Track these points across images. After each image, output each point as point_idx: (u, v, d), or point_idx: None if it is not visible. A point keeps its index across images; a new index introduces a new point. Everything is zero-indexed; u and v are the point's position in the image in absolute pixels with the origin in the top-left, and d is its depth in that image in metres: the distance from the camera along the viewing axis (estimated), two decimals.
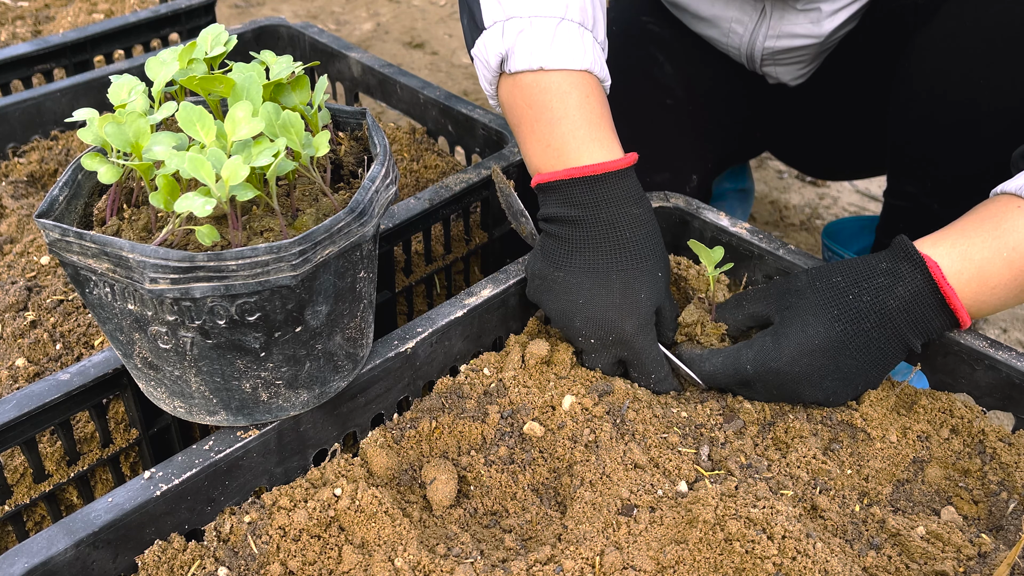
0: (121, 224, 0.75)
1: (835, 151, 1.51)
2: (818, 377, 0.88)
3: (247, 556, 0.76)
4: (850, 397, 0.91)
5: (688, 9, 1.34)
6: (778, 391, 0.91)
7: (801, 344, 0.87)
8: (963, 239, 0.85)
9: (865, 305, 0.86)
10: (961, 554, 0.78)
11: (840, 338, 0.87)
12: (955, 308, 0.85)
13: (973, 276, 0.84)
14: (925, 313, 0.86)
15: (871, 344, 0.87)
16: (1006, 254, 0.83)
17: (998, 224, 0.84)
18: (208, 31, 0.81)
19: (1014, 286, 0.85)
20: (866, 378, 0.89)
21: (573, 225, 0.92)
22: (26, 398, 0.81)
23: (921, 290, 0.85)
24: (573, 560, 0.75)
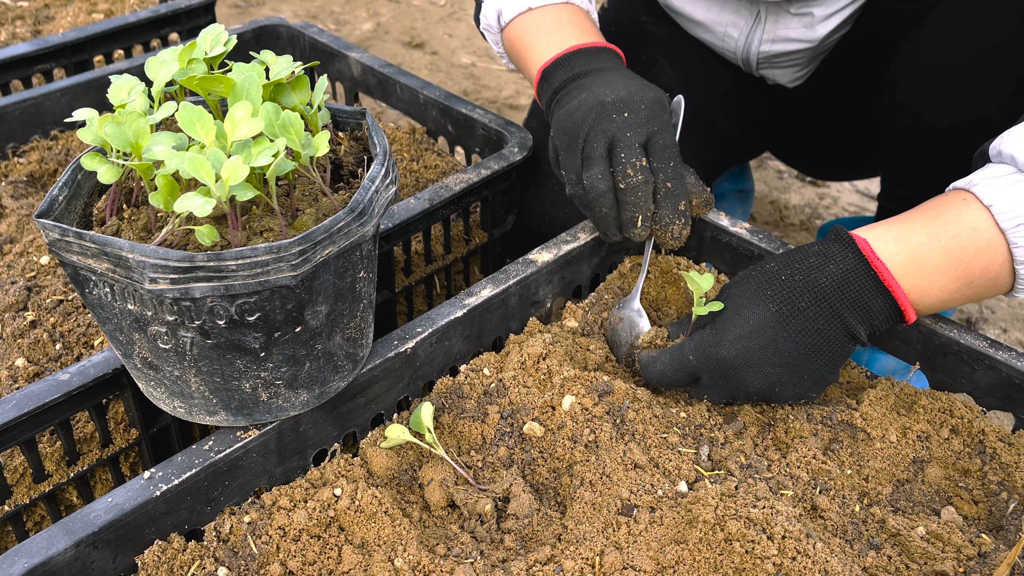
0: (121, 224, 0.75)
1: (834, 152, 1.51)
2: (758, 361, 0.86)
3: (247, 556, 0.76)
4: (803, 390, 0.89)
5: (683, 13, 1.34)
6: (723, 381, 0.89)
7: (737, 327, 0.87)
8: (900, 225, 0.87)
9: (798, 284, 0.87)
10: (961, 554, 0.78)
11: (775, 317, 0.86)
12: (890, 287, 0.85)
13: (908, 258, 0.85)
14: (860, 292, 0.85)
15: (808, 324, 0.86)
16: (944, 241, 0.84)
17: (940, 213, 0.85)
18: (208, 31, 0.81)
19: (956, 275, 0.84)
20: (811, 366, 0.87)
21: (582, 78, 1.01)
22: (26, 398, 0.81)
23: (853, 267, 0.85)
24: (573, 560, 0.75)
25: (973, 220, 0.83)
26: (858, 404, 0.92)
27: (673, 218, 0.96)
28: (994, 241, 0.83)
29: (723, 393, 0.90)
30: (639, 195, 0.95)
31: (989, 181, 0.83)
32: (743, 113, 1.45)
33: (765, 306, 0.87)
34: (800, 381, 0.88)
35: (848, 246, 0.87)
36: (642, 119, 0.96)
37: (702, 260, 1.12)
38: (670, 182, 0.95)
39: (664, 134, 0.96)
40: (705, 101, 1.37)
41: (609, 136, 0.96)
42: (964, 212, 0.84)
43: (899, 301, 0.85)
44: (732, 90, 1.41)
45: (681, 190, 0.96)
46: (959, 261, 0.84)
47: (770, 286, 0.88)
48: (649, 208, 0.95)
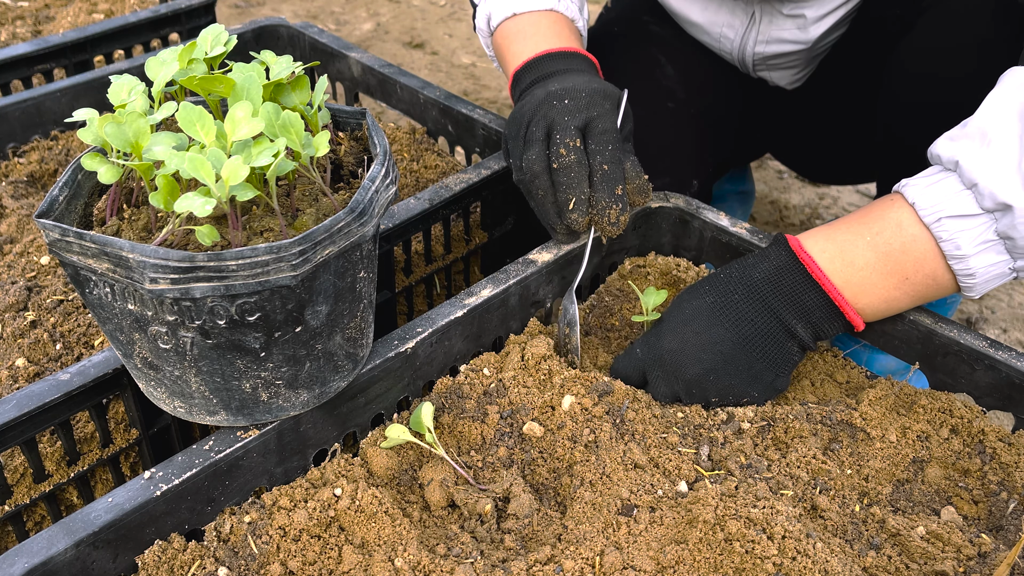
0: (121, 224, 0.75)
1: (833, 155, 1.51)
2: (694, 348, 0.89)
3: (247, 556, 0.76)
4: (742, 386, 0.90)
5: (680, 15, 1.35)
6: (663, 372, 0.91)
7: (674, 318, 0.92)
8: (831, 227, 0.91)
9: (733, 278, 0.91)
10: (961, 554, 0.78)
11: (709, 308, 0.90)
12: (819, 280, 0.88)
13: (835, 254, 0.88)
14: (792, 286, 0.89)
15: (741, 315, 0.89)
16: (869, 238, 0.87)
17: (867, 214, 0.89)
18: (208, 31, 0.81)
19: (887, 270, 0.87)
20: (748, 359, 0.89)
21: (544, 79, 1.04)
22: (26, 398, 0.81)
23: (784, 263, 0.90)
24: (573, 560, 0.75)
25: (896, 217, 0.86)
26: (858, 404, 0.92)
27: (610, 202, 0.96)
28: (919, 236, 0.85)
29: (665, 386, 0.92)
30: (571, 175, 0.95)
31: (916, 181, 0.86)
32: (744, 114, 1.45)
33: (701, 299, 0.92)
34: (737, 374, 0.90)
35: (781, 245, 0.91)
36: (581, 105, 0.99)
37: (702, 261, 1.12)
38: (607, 165, 0.95)
39: (603, 119, 0.98)
40: (706, 101, 1.37)
41: (548, 121, 0.98)
42: (889, 211, 0.87)
43: (831, 295, 0.88)
44: (733, 91, 1.41)
45: (617, 174, 0.96)
46: (886, 256, 0.87)
47: (708, 282, 0.93)
48: (583, 191, 0.95)
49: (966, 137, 0.83)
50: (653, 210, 1.11)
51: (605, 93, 1.00)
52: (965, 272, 0.84)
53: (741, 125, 1.46)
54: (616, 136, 0.97)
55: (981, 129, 0.82)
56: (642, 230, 1.13)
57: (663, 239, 1.14)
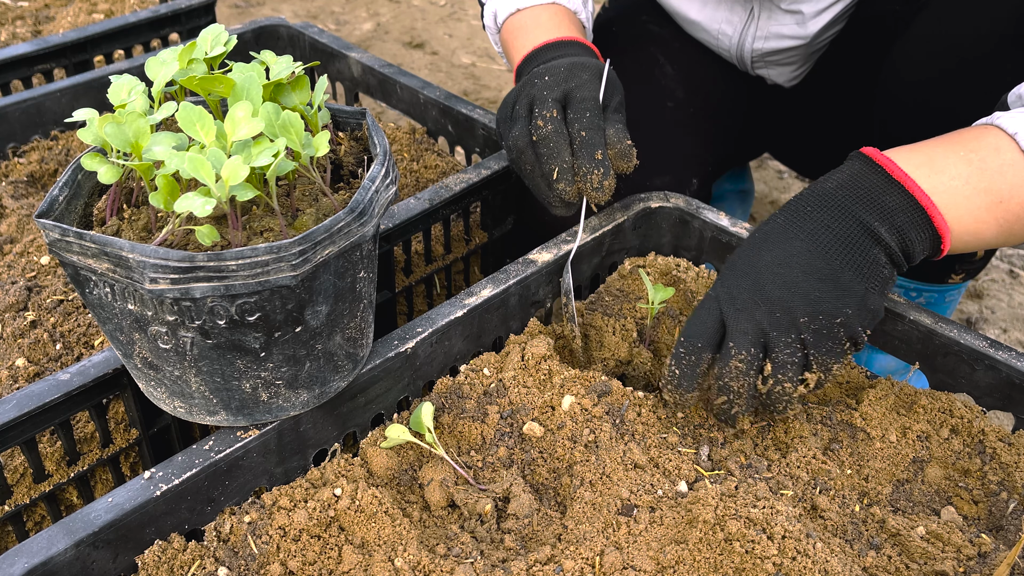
0: (121, 224, 0.75)
1: (832, 153, 1.51)
2: (772, 266, 0.82)
3: (247, 556, 0.76)
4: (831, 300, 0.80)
5: (678, 13, 1.35)
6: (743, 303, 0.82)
7: (746, 246, 0.86)
8: (917, 144, 0.86)
9: (803, 195, 0.86)
10: (961, 554, 0.78)
11: (781, 226, 0.84)
12: (903, 180, 0.82)
13: (924, 162, 0.83)
14: (871, 187, 0.82)
15: (819, 225, 0.82)
16: (963, 153, 0.82)
17: (959, 135, 0.85)
18: (208, 31, 0.81)
19: (982, 187, 0.81)
20: (831, 268, 0.81)
21: (539, 67, 1.05)
22: (26, 398, 0.81)
23: (861, 169, 0.84)
24: (573, 560, 0.75)
25: (994, 141, 0.82)
26: (858, 404, 0.92)
27: (590, 167, 0.95)
28: (1019, 162, 0.80)
29: (747, 319, 0.81)
30: (551, 145, 0.96)
31: (1012, 115, 0.82)
32: (743, 113, 1.45)
33: (771, 222, 0.86)
34: (823, 285, 0.81)
35: (857, 156, 0.86)
36: (560, 78, 1.00)
37: (702, 260, 1.12)
38: (584, 131, 0.96)
39: (581, 88, 0.99)
40: (705, 100, 1.37)
41: (529, 98, 1.01)
42: (985, 135, 0.83)
43: (915, 194, 0.81)
44: (732, 90, 1.41)
45: (596, 139, 0.96)
46: (981, 172, 0.81)
47: (782, 208, 0.87)
48: (565, 159, 0.96)
49: None
50: (653, 210, 1.11)
51: (584, 66, 1.01)
52: None
53: (740, 124, 1.46)
54: (594, 103, 0.98)
55: None
56: (642, 230, 1.13)
57: (663, 239, 1.14)
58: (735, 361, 0.80)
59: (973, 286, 1.74)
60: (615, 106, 1.01)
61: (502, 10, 1.18)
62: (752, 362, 0.80)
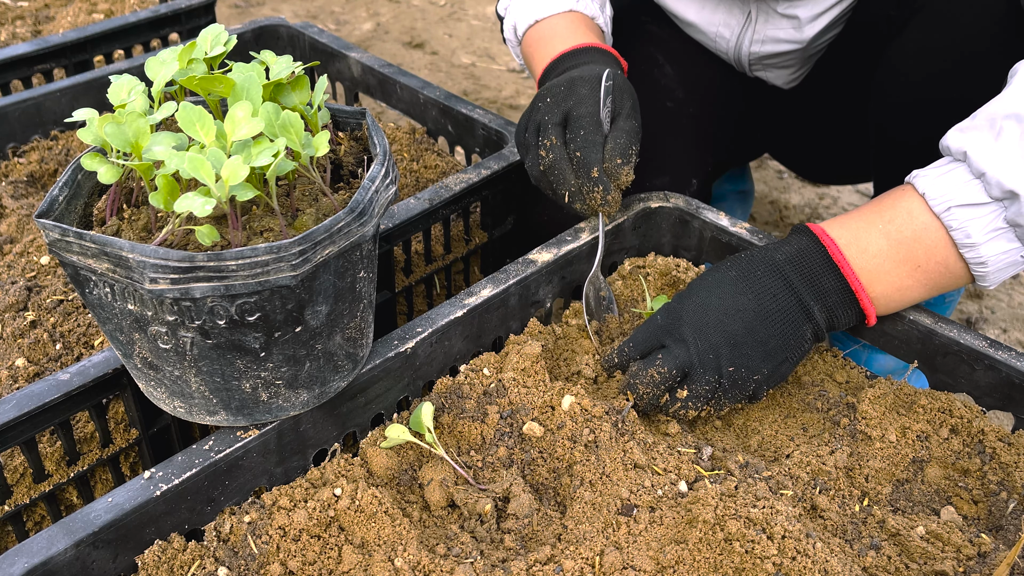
0: (121, 224, 0.75)
1: (831, 155, 1.51)
2: (719, 314, 0.90)
3: (247, 556, 0.76)
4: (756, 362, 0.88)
5: (677, 15, 1.35)
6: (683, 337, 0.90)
7: (699, 287, 0.93)
8: (844, 217, 0.93)
9: (755, 257, 0.93)
10: (961, 554, 0.78)
11: (733, 279, 0.92)
12: (839, 263, 0.89)
13: (851, 240, 0.90)
14: (813, 267, 0.90)
15: (764, 288, 0.90)
16: (881, 226, 0.89)
17: (879, 203, 0.91)
18: (208, 31, 0.81)
19: (899, 258, 0.88)
20: (768, 332, 0.89)
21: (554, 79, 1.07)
22: (26, 398, 0.81)
23: (806, 245, 0.92)
24: (573, 560, 0.75)
25: (907, 206, 0.88)
26: (857, 404, 0.92)
27: (591, 187, 0.98)
28: (930, 225, 0.86)
29: (682, 351, 0.89)
30: (556, 173, 1.00)
31: (927, 172, 0.88)
32: (742, 114, 1.45)
33: (724, 272, 0.93)
34: (755, 347, 0.89)
35: (803, 231, 0.93)
36: (559, 99, 1.02)
37: (702, 261, 1.12)
38: (579, 151, 0.98)
39: (578, 106, 1.00)
40: (705, 101, 1.37)
41: (536, 124, 1.03)
42: (900, 200, 0.89)
43: (848, 279, 0.89)
44: (731, 91, 1.41)
45: (592, 158, 0.98)
46: (899, 244, 0.88)
47: (730, 260, 0.95)
48: (571, 183, 0.99)
49: (975, 128, 0.85)
50: (653, 210, 1.11)
51: (584, 79, 1.03)
52: (977, 260, 0.85)
53: (740, 124, 1.46)
54: (589, 119, 0.99)
55: (990, 119, 0.84)
56: (642, 230, 1.13)
57: (663, 239, 1.14)
58: (654, 371, 0.89)
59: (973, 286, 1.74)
60: (626, 113, 1.01)
61: (521, 23, 1.20)
62: (666, 381, 0.89)
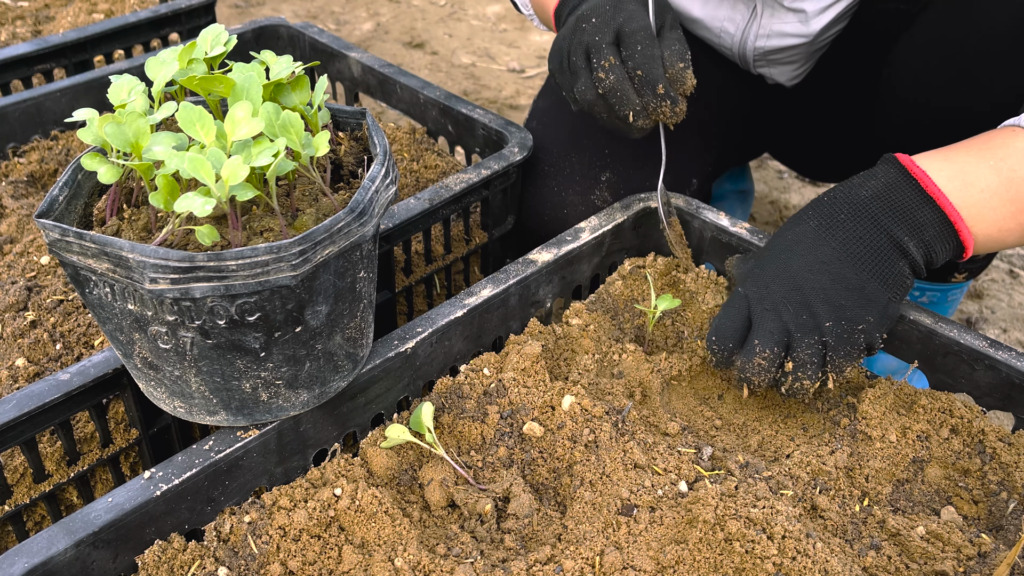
0: (121, 224, 0.75)
1: (832, 153, 1.51)
2: (803, 271, 0.86)
3: (247, 556, 0.76)
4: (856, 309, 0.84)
5: (680, 10, 1.34)
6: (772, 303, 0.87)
7: (778, 246, 0.89)
8: (949, 150, 0.87)
9: (837, 199, 0.88)
10: (961, 554, 0.78)
11: (813, 230, 0.87)
12: (934, 195, 0.84)
13: (954, 174, 0.84)
14: (903, 201, 0.85)
15: (848, 233, 0.85)
16: (993, 162, 0.84)
17: (988, 140, 0.86)
18: (208, 31, 0.81)
19: (1009, 197, 0.83)
20: (859, 278, 0.84)
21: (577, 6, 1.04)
22: (26, 398, 0.81)
23: (895, 179, 0.86)
24: (573, 560, 0.75)
25: (1022, 146, 0.83)
26: (858, 404, 0.92)
27: (657, 103, 0.97)
28: None
29: (774, 319, 0.86)
30: (618, 95, 0.97)
31: None
32: (743, 112, 1.45)
33: (804, 224, 0.88)
34: (850, 294, 0.84)
35: (890, 163, 0.87)
36: (607, 18, 0.99)
37: (702, 261, 1.12)
38: (640, 70, 0.96)
39: (630, 21, 0.98)
40: (705, 101, 1.37)
41: (584, 46, 1.00)
42: (1014, 139, 0.84)
43: (947, 212, 0.83)
44: (732, 89, 1.40)
45: (655, 73, 0.96)
46: (1010, 182, 0.83)
47: (811, 207, 0.89)
48: (634, 102, 0.97)
49: None
50: (653, 210, 1.11)
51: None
52: None
53: (740, 124, 1.46)
54: (645, 33, 0.97)
55: None
56: (642, 230, 1.13)
57: (663, 239, 1.14)
58: (758, 359, 0.86)
59: (973, 286, 1.73)
60: (669, 24, 1.00)
61: None
62: (774, 360, 0.86)
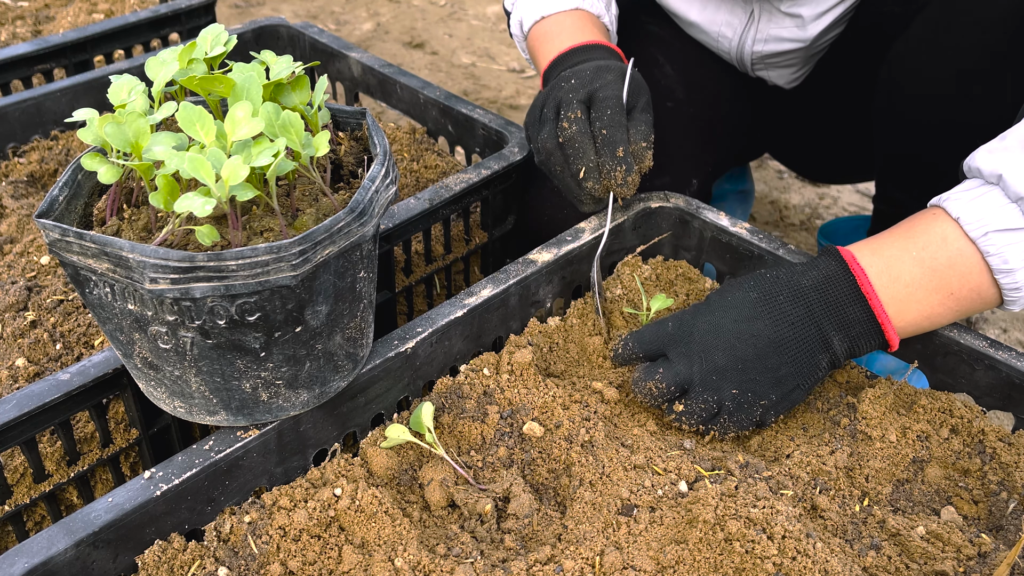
0: (121, 224, 0.75)
1: (832, 155, 1.51)
2: (731, 336, 0.87)
3: (247, 556, 0.76)
4: (764, 388, 0.86)
5: (678, 15, 1.35)
6: (689, 350, 0.88)
7: (716, 303, 0.90)
8: (876, 239, 0.90)
9: (780, 280, 0.89)
10: (961, 554, 0.78)
11: (754, 301, 0.88)
12: (867, 294, 0.86)
13: (883, 269, 0.87)
14: (838, 296, 0.87)
15: (784, 315, 0.87)
16: (915, 253, 0.86)
17: (911, 227, 0.88)
18: (208, 31, 0.81)
19: (933, 287, 0.86)
20: (780, 361, 0.86)
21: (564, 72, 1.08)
22: (26, 398, 0.81)
23: (834, 272, 0.88)
24: (573, 560, 0.75)
25: (941, 231, 0.85)
26: (858, 404, 0.92)
27: (613, 165, 0.98)
28: (965, 251, 0.84)
29: (685, 365, 0.88)
30: (576, 145, 0.99)
31: (957, 195, 0.85)
32: (743, 114, 1.45)
33: (746, 292, 0.90)
34: (763, 373, 0.87)
35: (832, 255, 0.89)
36: (585, 80, 1.03)
37: (702, 260, 1.12)
38: (606, 129, 0.98)
39: (604, 88, 1.01)
40: (705, 101, 1.37)
41: (556, 100, 1.03)
42: (933, 225, 0.86)
43: (875, 311, 0.86)
44: (732, 91, 1.41)
45: (618, 137, 0.98)
46: (932, 272, 0.85)
47: (754, 279, 0.91)
48: (589, 159, 0.98)
49: (1007, 150, 0.83)
50: (653, 210, 1.11)
51: (609, 68, 1.03)
52: (1012, 286, 0.83)
53: (740, 124, 1.46)
54: (617, 101, 0.99)
55: (1022, 142, 0.82)
56: (642, 230, 1.13)
57: (663, 239, 1.14)
58: (652, 384, 0.88)
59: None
60: (641, 106, 1.02)
61: (527, 18, 1.20)
62: (665, 394, 0.88)
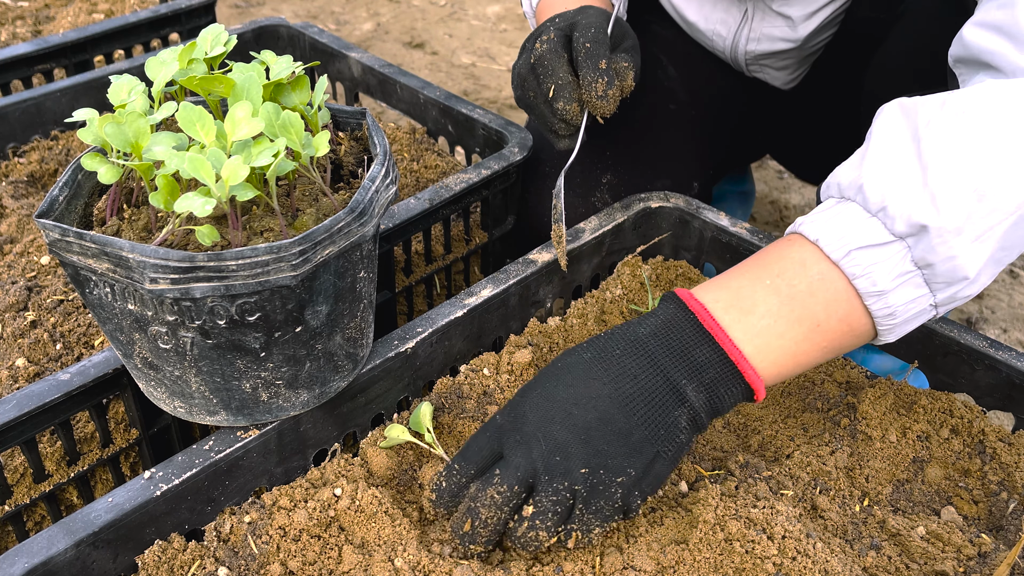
0: (121, 224, 0.75)
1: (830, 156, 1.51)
2: (566, 404, 0.74)
3: (247, 556, 0.76)
4: (618, 458, 0.72)
5: (677, 13, 1.35)
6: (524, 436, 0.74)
7: (544, 375, 0.78)
8: (722, 275, 0.80)
9: (616, 335, 0.78)
10: (961, 554, 0.78)
11: (586, 362, 0.76)
12: (713, 332, 0.75)
13: (731, 302, 0.76)
14: (682, 339, 0.75)
15: (624, 372, 0.75)
16: (769, 281, 0.76)
17: (764, 256, 0.79)
18: (208, 31, 0.81)
19: (794, 317, 0.75)
20: (629, 429, 0.73)
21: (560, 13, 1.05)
22: (26, 398, 0.81)
23: (673, 315, 0.77)
24: (573, 562, 0.75)
25: (798, 256, 0.76)
26: (858, 404, 0.92)
27: (595, 76, 0.94)
28: (827, 275, 0.74)
29: (523, 455, 0.73)
30: (546, 62, 0.96)
31: (812, 217, 0.77)
32: (744, 115, 1.45)
33: (577, 355, 0.78)
34: (613, 441, 0.73)
35: (668, 298, 0.79)
36: (568, 16, 1.01)
37: (702, 261, 1.12)
38: (588, 44, 0.95)
39: (587, 18, 0.98)
40: (706, 103, 1.37)
41: (537, 34, 1.01)
42: (788, 250, 0.77)
43: (725, 348, 0.74)
44: (733, 92, 1.41)
45: (601, 52, 0.94)
46: (791, 300, 0.75)
47: (588, 341, 0.79)
48: (559, 76, 0.95)
49: (863, 163, 0.75)
50: (653, 210, 1.12)
51: (595, 9, 1.01)
52: (884, 311, 0.74)
53: (741, 127, 1.46)
54: (599, 28, 0.96)
55: (876, 153, 0.75)
56: (642, 230, 1.13)
57: (663, 239, 1.14)
58: (492, 491, 0.73)
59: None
60: (626, 46, 1.00)
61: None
62: (511, 499, 0.73)
